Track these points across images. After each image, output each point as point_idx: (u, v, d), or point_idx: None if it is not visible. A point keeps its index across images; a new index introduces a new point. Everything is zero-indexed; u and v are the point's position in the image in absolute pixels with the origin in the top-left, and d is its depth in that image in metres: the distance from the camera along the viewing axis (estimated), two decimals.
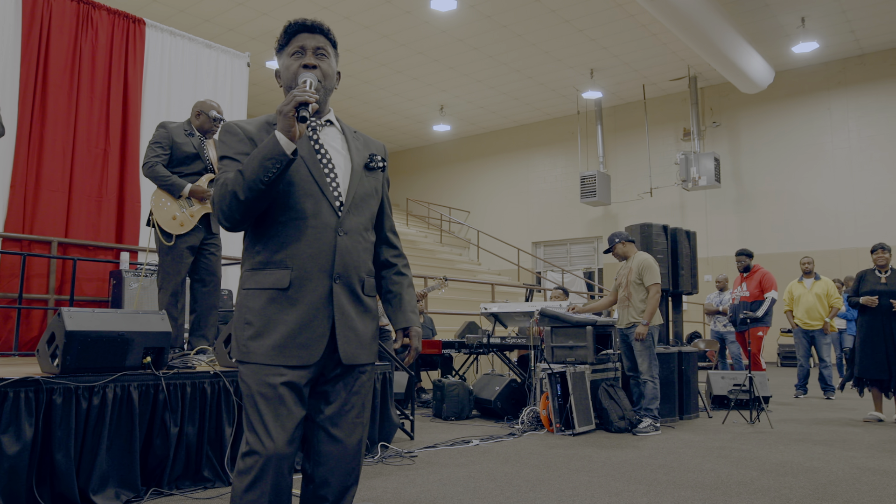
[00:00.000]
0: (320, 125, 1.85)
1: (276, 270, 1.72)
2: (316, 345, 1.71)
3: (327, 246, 1.74)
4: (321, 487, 1.78)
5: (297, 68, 1.80)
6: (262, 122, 1.82)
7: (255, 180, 1.62)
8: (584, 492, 3.39)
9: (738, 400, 6.30)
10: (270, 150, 1.62)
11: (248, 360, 1.71)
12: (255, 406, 1.68)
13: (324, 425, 1.77)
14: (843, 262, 12.19)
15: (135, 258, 5.69)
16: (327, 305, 1.73)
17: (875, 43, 12.98)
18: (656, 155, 15.65)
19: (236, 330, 1.76)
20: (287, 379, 1.68)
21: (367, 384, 1.85)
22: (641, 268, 5.54)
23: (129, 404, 3.17)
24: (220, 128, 1.82)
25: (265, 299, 1.71)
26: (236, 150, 1.75)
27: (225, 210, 1.67)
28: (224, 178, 1.68)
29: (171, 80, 6.22)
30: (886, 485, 3.55)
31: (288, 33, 1.84)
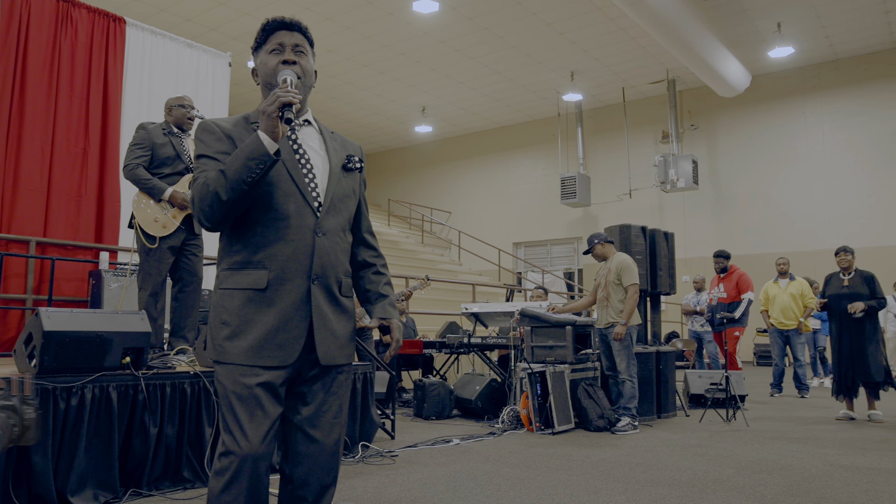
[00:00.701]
0: (298, 125, 1.85)
1: (253, 271, 1.71)
2: (293, 345, 1.71)
3: (306, 247, 1.73)
4: (299, 488, 1.78)
5: (276, 65, 1.79)
6: (240, 120, 1.82)
7: (238, 181, 1.61)
8: (564, 490, 3.42)
9: (714, 399, 6.39)
10: (254, 151, 1.61)
11: (224, 361, 1.70)
12: (230, 406, 1.67)
13: (301, 426, 1.77)
14: (817, 264, 12.42)
15: (114, 258, 5.62)
16: (305, 306, 1.73)
17: (849, 48, 13.25)
18: (635, 157, 15.82)
19: (212, 330, 1.74)
20: (263, 379, 1.67)
21: (344, 384, 1.85)
22: (620, 268, 5.61)
23: (107, 405, 3.15)
24: (198, 126, 1.79)
25: (242, 299, 1.70)
26: (215, 150, 1.74)
27: (206, 210, 1.66)
28: (205, 178, 1.67)
29: (152, 79, 6.16)
30: (857, 481, 3.63)
31: (266, 30, 1.84)
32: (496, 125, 18.13)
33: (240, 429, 1.65)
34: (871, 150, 13.28)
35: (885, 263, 10.01)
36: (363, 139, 19.39)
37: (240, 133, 1.77)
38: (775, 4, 11.46)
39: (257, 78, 1.87)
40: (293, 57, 1.81)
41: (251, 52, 1.90)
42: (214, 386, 1.76)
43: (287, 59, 1.80)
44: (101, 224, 5.65)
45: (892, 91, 13.13)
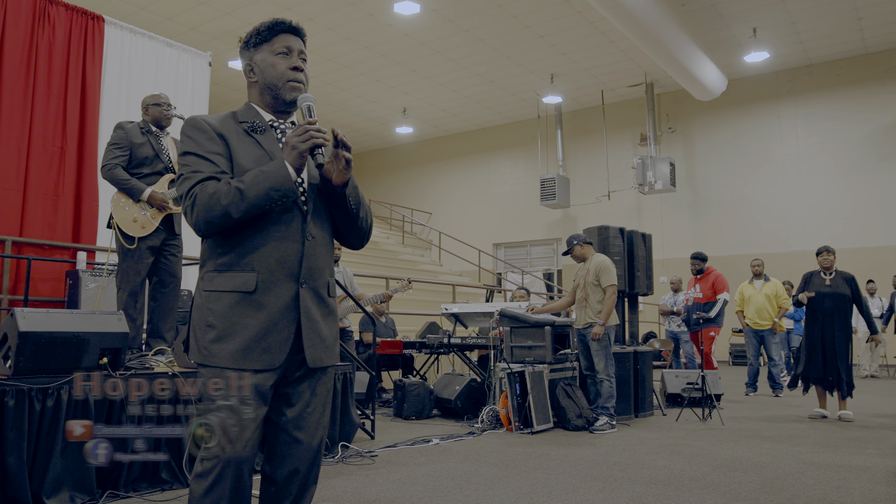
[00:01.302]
0: (288, 127, 1.86)
1: (241, 273, 1.70)
2: (280, 348, 1.70)
3: (295, 250, 1.73)
4: (282, 488, 1.78)
5: (286, 70, 1.80)
6: (227, 118, 1.80)
7: (256, 206, 1.64)
8: (542, 489, 3.45)
9: (691, 398, 6.47)
10: (280, 181, 1.64)
11: (209, 364, 1.68)
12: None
13: (286, 427, 1.76)
14: (791, 265, 12.65)
15: (92, 258, 5.56)
16: (293, 309, 1.73)
17: (822, 54, 13.52)
18: (614, 159, 15.98)
19: (196, 332, 1.72)
20: (253, 380, 1.67)
21: (328, 385, 1.86)
22: (598, 269, 5.66)
23: (84, 406, 3.11)
24: (187, 122, 1.76)
25: (229, 302, 1.69)
26: (208, 149, 1.72)
27: (212, 220, 1.65)
28: (215, 189, 1.64)
29: (131, 78, 6.10)
30: (829, 478, 3.70)
31: (272, 30, 1.83)
32: (477, 127, 18.19)
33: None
34: (843, 154, 13.56)
35: (857, 265, 10.19)
36: None
37: (228, 131, 1.76)
38: (751, 10, 11.66)
39: (253, 75, 1.84)
40: (301, 64, 1.82)
41: (245, 47, 1.87)
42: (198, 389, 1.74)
43: (297, 66, 1.81)
44: (79, 224, 5.59)
45: (864, 96, 13.42)
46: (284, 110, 1.86)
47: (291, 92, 1.81)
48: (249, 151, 1.76)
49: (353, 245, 1.98)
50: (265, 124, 1.82)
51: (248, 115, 1.82)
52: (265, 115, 1.84)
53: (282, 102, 1.82)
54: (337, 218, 1.88)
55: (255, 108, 1.85)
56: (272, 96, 1.82)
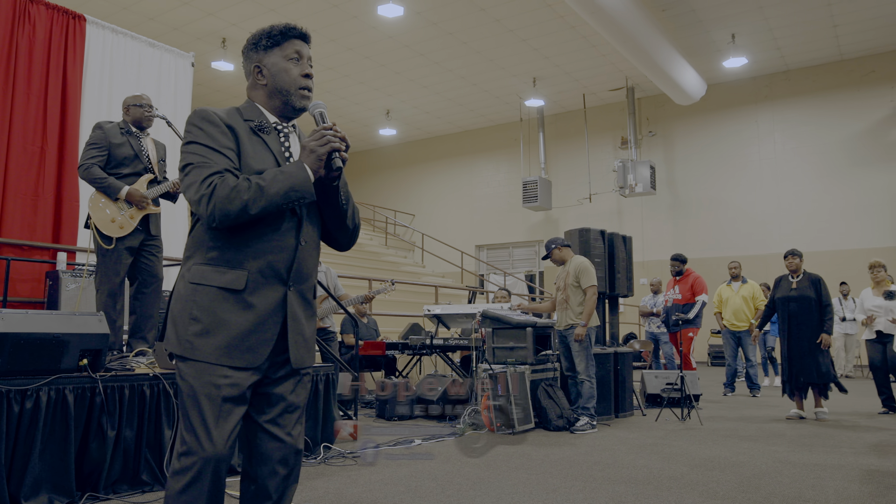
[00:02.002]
0: (290, 130, 1.88)
1: (232, 270, 1.70)
2: (263, 348, 1.71)
3: (288, 253, 1.75)
4: (262, 488, 1.78)
5: (298, 76, 1.82)
6: (233, 113, 1.81)
7: (274, 203, 1.66)
8: (523, 489, 3.47)
9: (670, 398, 6.56)
10: (299, 183, 1.68)
11: (191, 357, 1.68)
12: (197, 405, 1.66)
13: (267, 426, 1.77)
14: (768, 267, 12.84)
15: (72, 258, 5.49)
16: (280, 311, 1.74)
17: (799, 60, 13.76)
18: (595, 162, 16.12)
19: (179, 324, 1.71)
20: (232, 381, 1.67)
21: (307, 385, 1.88)
22: (578, 271, 5.71)
23: (63, 408, 3.09)
24: (195, 113, 1.75)
25: (216, 297, 1.69)
26: (220, 143, 1.72)
27: (229, 213, 1.65)
28: (237, 183, 1.65)
29: (113, 78, 6.04)
30: (805, 477, 3.77)
31: (285, 35, 1.84)
32: (460, 129, 18.24)
33: (205, 429, 1.64)
34: (818, 158, 13.81)
35: (831, 267, 10.44)
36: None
37: (238, 128, 1.77)
38: (730, 16, 11.84)
39: (262, 77, 1.84)
40: (311, 71, 1.85)
41: (254, 48, 1.86)
42: (176, 387, 1.74)
43: (309, 74, 1.84)
44: (59, 224, 5.52)
45: (839, 101, 13.68)
46: (291, 116, 1.88)
47: (302, 100, 1.84)
48: (257, 150, 1.77)
49: (342, 245, 1.99)
50: (270, 126, 1.83)
51: (253, 114, 1.82)
52: (270, 116, 1.85)
53: (291, 109, 1.85)
54: (327, 216, 1.89)
55: (260, 109, 1.85)
56: (282, 101, 1.84)
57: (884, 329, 6.51)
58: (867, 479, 3.75)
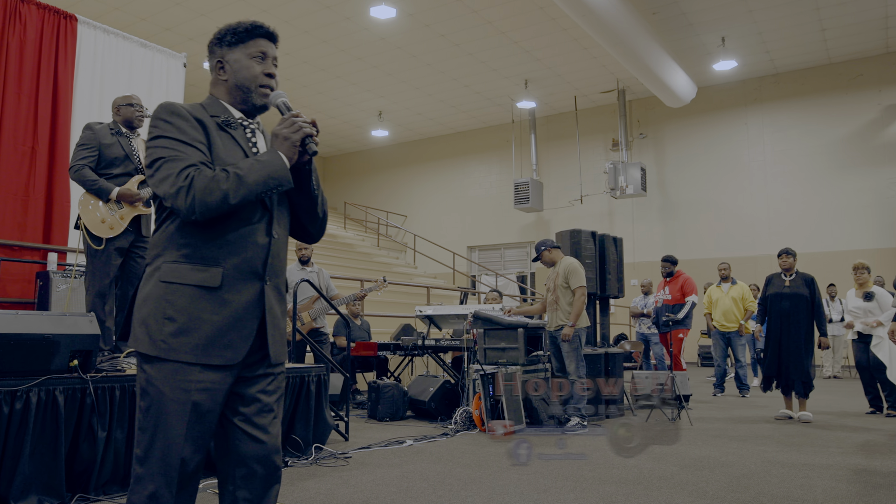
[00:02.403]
0: (255, 127, 1.87)
1: (207, 267, 1.67)
2: (242, 344, 1.69)
3: (262, 248, 1.74)
4: (241, 489, 1.74)
5: (260, 75, 1.81)
6: (198, 108, 1.79)
7: (253, 192, 1.65)
8: (514, 489, 3.49)
9: (660, 398, 6.59)
10: (277, 170, 1.68)
11: (166, 358, 1.63)
12: (163, 416, 1.62)
13: (244, 426, 1.73)
14: (757, 268, 12.93)
15: (63, 259, 5.47)
16: (258, 306, 1.72)
17: (788, 63, 13.88)
18: (586, 164, 16.19)
19: (151, 324, 1.65)
20: (206, 385, 1.65)
21: (283, 381, 1.87)
22: (567, 272, 5.74)
23: (54, 409, 3.09)
24: (161, 107, 1.72)
25: (191, 295, 1.65)
26: (191, 137, 1.70)
27: (210, 204, 1.62)
28: (214, 174, 1.64)
29: (105, 78, 6.02)
30: (793, 476, 3.80)
31: (251, 33, 1.83)
32: (452, 131, 18.27)
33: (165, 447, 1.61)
34: (807, 161, 13.94)
35: (818, 268, 10.48)
36: (320, 142, 19.11)
37: (206, 123, 1.75)
38: (720, 20, 11.94)
39: (223, 73, 1.83)
40: (275, 71, 1.84)
41: (218, 43, 1.86)
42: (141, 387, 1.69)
43: (271, 73, 1.83)
44: (50, 225, 5.50)
45: (826, 105, 13.82)
46: (252, 112, 1.86)
47: (262, 98, 1.83)
48: (226, 145, 1.76)
49: (311, 235, 1.97)
50: (236, 121, 1.82)
51: (218, 110, 1.81)
52: (234, 111, 1.84)
53: (252, 106, 1.84)
54: (299, 204, 1.89)
55: (224, 105, 1.83)
56: (242, 98, 1.83)
57: (861, 330, 6.58)
58: (854, 478, 3.79)
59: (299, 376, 4.44)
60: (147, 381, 1.65)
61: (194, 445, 1.65)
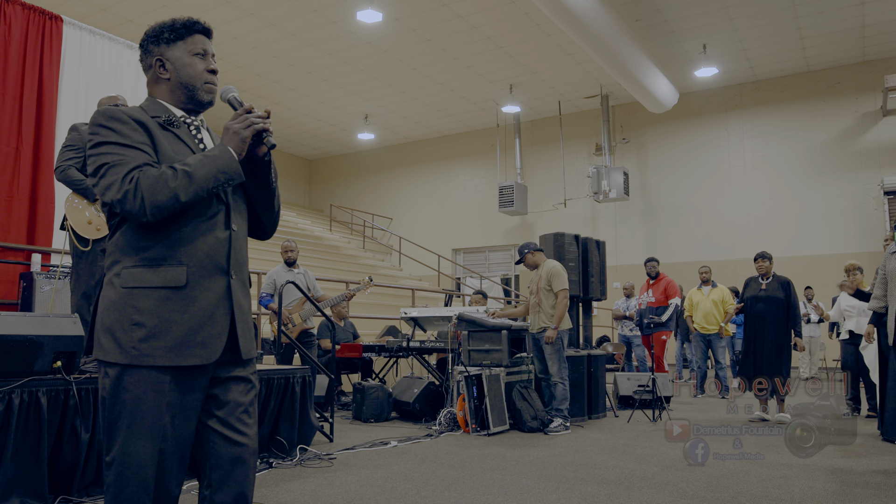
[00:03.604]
0: (199, 124, 1.84)
1: (170, 268, 1.63)
2: (215, 342, 1.66)
3: (222, 242, 1.71)
4: (217, 491, 1.70)
5: (203, 72, 1.79)
6: (137, 110, 1.74)
7: (203, 188, 1.63)
8: (498, 490, 3.52)
9: (642, 400, 6.67)
10: (226, 165, 1.65)
11: (140, 364, 1.59)
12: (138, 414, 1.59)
13: (219, 428, 1.70)
14: (737, 271, 13.10)
15: (47, 260, 5.44)
16: (226, 302, 1.70)
17: (768, 70, 14.10)
18: (570, 168, 16.32)
19: (118, 332, 1.61)
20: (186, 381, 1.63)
21: (257, 380, 1.83)
22: (550, 275, 5.80)
23: (36, 410, 3.07)
24: (98, 113, 1.69)
25: (158, 298, 1.61)
26: (134, 140, 1.66)
27: (160, 204, 1.59)
28: (161, 172, 1.60)
29: (90, 79, 6.00)
30: (771, 476, 3.87)
31: (188, 29, 1.80)
32: (437, 134, 18.32)
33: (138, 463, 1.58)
34: (786, 166, 14.16)
35: (797, 272, 10.67)
36: (305, 145, 19.21)
37: (148, 124, 1.70)
38: (701, 27, 12.11)
39: (164, 71, 1.79)
40: (217, 67, 1.82)
41: (155, 41, 1.81)
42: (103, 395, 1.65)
43: (214, 69, 1.81)
44: (34, 225, 5.46)
45: (804, 112, 14.05)
46: (196, 110, 1.83)
47: (207, 94, 1.80)
48: (172, 144, 1.72)
49: (266, 230, 1.95)
50: (178, 120, 1.78)
51: (158, 110, 1.76)
52: (175, 111, 1.80)
53: (198, 103, 1.81)
54: (257, 197, 1.86)
55: (163, 104, 1.79)
56: (187, 96, 1.79)
57: (855, 329, 6.63)
58: (831, 477, 3.87)
59: (284, 378, 4.46)
60: (118, 388, 1.60)
61: (174, 450, 1.62)
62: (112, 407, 1.60)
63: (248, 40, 12.50)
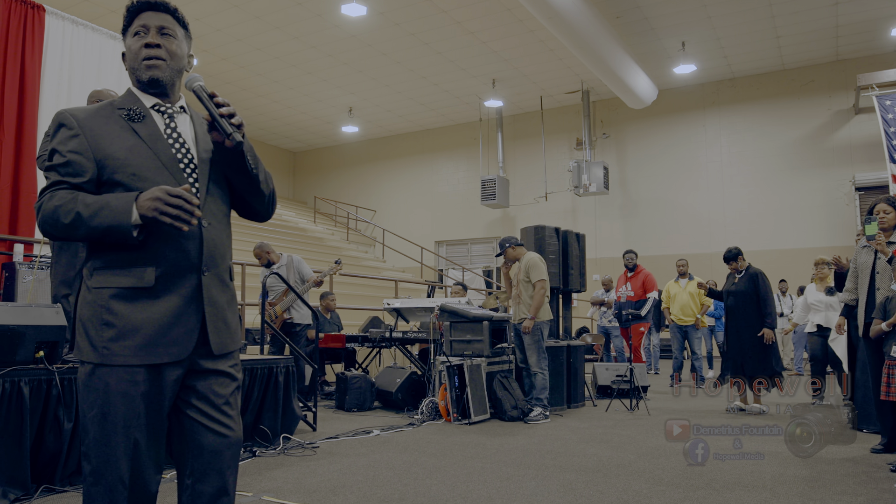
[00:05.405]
0: (176, 111, 1.76)
1: (138, 268, 1.61)
2: (187, 339, 1.64)
3: (192, 238, 1.66)
4: (199, 482, 1.69)
5: (140, 48, 1.69)
6: (104, 107, 1.70)
7: (93, 235, 1.58)
8: (478, 477, 3.59)
9: (620, 389, 6.78)
10: (121, 226, 1.55)
11: (110, 364, 1.58)
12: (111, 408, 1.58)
13: (201, 419, 1.69)
14: (713, 264, 13.27)
15: (29, 250, 5.40)
16: (197, 299, 1.67)
17: (744, 68, 14.32)
18: (551, 162, 16.45)
19: (90, 331, 1.61)
20: (157, 376, 1.62)
21: (238, 371, 1.80)
22: (528, 266, 5.89)
23: (18, 400, 3.07)
24: (53, 119, 1.67)
25: (127, 298, 1.60)
26: (66, 148, 1.62)
27: (54, 235, 1.61)
28: (61, 202, 1.56)
29: (73, 69, 5.94)
30: (744, 464, 3.95)
31: (130, 12, 1.72)
32: (420, 128, 18.34)
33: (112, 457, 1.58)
34: (761, 162, 14.41)
35: (771, 265, 10.86)
36: (290, 137, 19.12)
37: (98, 125, 1.66)
38: (680, 25, 12.26)
39: (125, 62, 1.76)
40: (157, 40, 1.69)
41: (123, 35, 1.76)
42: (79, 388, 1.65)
43: (150, 43, 1.69)
44: (16, 216, 5.42)
45: (779, 110, 14.30)
46: (159, 92, 1.74)
47: (147, 71, 1.69)
48: (122, 140, 1.65)
49: (260, 213, 1.88)
50: (145, 110, 1.71)
51: (126, 102, 1.72)
52: (148, 100, 1.73)
53: (144, 84, 1.72)
54: (239, 184, 1.79)
55: (135, 94, 1.74)
56: (136, 80, 1.73)
57: (823, 323, 6.81)
58: (802, 464, 3.97)
59: (267, 367, 4.48)
60: (92, 383, 1.60)
61: (149, 441, 1.63)
62: (86, 399, 1.61)
63: (232, 32, 12.41)
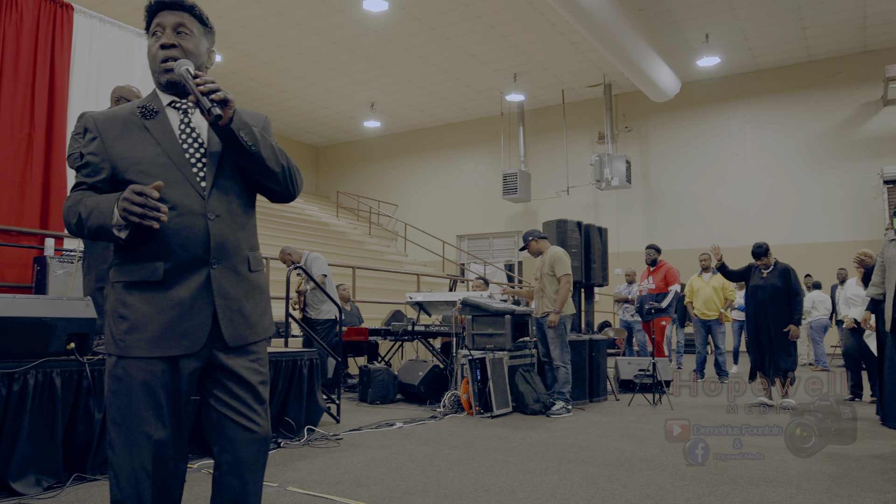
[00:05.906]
0: (192, 107, 1.76)
1: (147, 263, 1.65)
2: (198, 332, 1.66)
3: (198, 232, 1.67)
4: (226, 474, 1.73)
5: (157, 51, 1.71)
6: (126, 107, 1.73)
7: (91, 235, 1.66)
8: (500, 470, 3.59)
9: (642, 384, 6.74)
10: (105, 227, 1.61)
11: (126, 355, 1.64)
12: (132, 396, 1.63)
13: (228, 413, 1.71)
14: (737, 259, 13.06)
15: (60, 244, 5.52)
16: (207, 292, 1.67)
17: (769, 60, 14.06)
18: (573, 156, 16.34)
19: (111, 324, 1.68)
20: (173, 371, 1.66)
21: (263, 361, 1.80)
22: (553, 260, 5.86)
23: (51, 390, 3.14)
24: (78, 119, 1.78)
25: (138, 292, 1.65)
26: (85, 150, 1.69)
27: (72, 231, 1.71)
28: (74, 203, 1.66)
29: (101, 67, 6.03)
30: (769, 458, 3.93)
31: (149, 13, 1.73)
32: (442, 122, 18.33)
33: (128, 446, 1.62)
34: (786, 156, 14.16)
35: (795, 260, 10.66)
36: (312, 132, 19.26)
37: (113, 126, 1.70)
38: (704, 17, 12.07)
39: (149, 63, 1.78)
40: (172, 39, 1.70)
41: None
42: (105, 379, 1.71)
43: (166, 43, 1.70)
44: (47, 211, 5.54)
45: (803, 102, 14.02)
46: (177, 93, 1.75)
47: (164, 75, 1.71)
48: (135, 138, 1.68)
49: (280, 194, 1.81)
50: (160, 107, 1.73)
51: (147, 100, 1.75)
52: (165, 97, 1.76)
53: (163, 87, 1.75)
54: (245, 165, 1.73)
55: (157, 93, 1.77)
56: (156, 81, 1.76)
57: (858, 318, 6.60)
58: (828, 460, 3.92)
59: (292, 360, 4.53)
60: (115, 373, 1.65)
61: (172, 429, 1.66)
62: (110, 388, 1.66)
63: (255, 29, 12.51)
